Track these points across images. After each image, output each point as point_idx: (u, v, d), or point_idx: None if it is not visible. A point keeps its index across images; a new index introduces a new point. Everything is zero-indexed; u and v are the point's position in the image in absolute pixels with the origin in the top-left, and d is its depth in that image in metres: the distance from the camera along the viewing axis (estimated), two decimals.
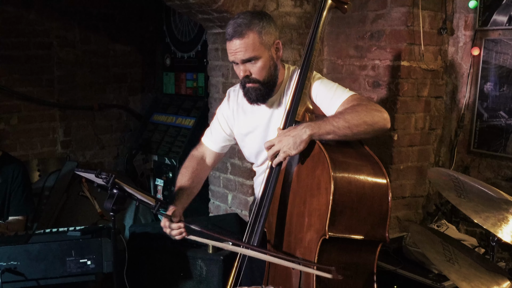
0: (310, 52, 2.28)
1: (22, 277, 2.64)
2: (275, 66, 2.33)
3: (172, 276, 3.23)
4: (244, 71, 2.27)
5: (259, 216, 2.16)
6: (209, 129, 2.69)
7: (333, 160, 1.95)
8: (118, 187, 2.12)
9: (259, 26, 2.23)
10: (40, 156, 5.20)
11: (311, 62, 2.27)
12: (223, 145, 2.65)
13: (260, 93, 2.31)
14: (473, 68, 3.42)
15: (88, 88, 5.48)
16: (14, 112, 5.04)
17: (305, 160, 2.11)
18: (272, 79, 2.33)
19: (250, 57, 2.23)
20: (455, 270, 1.95)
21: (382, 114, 2.15)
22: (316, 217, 1.97)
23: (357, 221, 1.95)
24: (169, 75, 5.59)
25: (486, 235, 3.26)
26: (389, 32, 3.46)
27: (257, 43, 2.23)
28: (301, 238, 2.08)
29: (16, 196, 3.36)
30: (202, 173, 2.62)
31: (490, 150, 3.36)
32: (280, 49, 2.34)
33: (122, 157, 5.71)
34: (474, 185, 2.18)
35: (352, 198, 1.94)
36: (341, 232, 1.92)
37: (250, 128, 2.50)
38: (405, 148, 3.54)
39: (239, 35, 2.21)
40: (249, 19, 2.23)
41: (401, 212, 3.63)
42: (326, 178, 1.93)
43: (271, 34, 2.28)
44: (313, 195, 2.02)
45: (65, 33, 5.28)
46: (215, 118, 2.67)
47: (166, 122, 5.19)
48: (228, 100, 2.60)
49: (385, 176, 2.00)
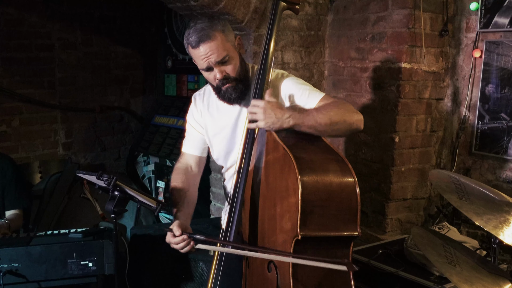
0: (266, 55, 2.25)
1: (23, 279, 2.64)
2: (244, 62, 2.34)
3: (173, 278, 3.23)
4: (220, 73, 2.24)
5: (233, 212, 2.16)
6: (185, 139, 2.67)
7: (298, 160, 1.95)
8: (120, 189, 2.12)
9: (221, 25, 2.23)
10: (42, 158, 5.20)
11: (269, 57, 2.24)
12: (203, 147, 2.63)
13: (240, 90, 2.29)
14: (475, 70, 3.42)
15: (90, 90, 5.49)
16: (15, 114, 5.05)
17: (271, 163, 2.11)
18: (246, 75, 2.33)
19: (223, 56, 2.21)
20: (457, 273, 1.94)
21: (358, 115, 2.17)
22: (287, 219, 1.97)
23: (327, 219, 1.95)
24: (171, 77, 5.59)
25: (488, 237, 3.26)
26: (390, 34, 3.46)
27: (225, 42, 2.22)
28: (274, 241, 2.07)
29: (9, 191, 3.33)
30: (193, 180, 2.59)
31: (491, 152, 3.36)
32: (242, 44, 2.35)
33: (123, 159, 5.71)
34: (475, 187, 2.18)
35: (321, 196, 1.94)
36: (313, 231, 1.92)
37: (217, 129, 2.48)
38: (407, 150, 3.54)
39: (206, 38, 2.18)
40: (208, 22, 2.22)
41: (403, 214, 3.63)
42: (293, 179, 1.93)
43: (231, 31, 2.28)
44: (282, 197, 2.02)
45: (66, 35, 5.29)
46: (187, 125, 2.64)
47: (168, 124, 5.19)
48: (195, 104, 2.57)
49: (351, 172, 2.00)
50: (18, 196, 3.38)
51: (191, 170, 2.61)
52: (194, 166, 2.62)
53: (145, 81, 5.92)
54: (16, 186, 3.37)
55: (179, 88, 5.46)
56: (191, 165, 2.62)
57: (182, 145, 2.67)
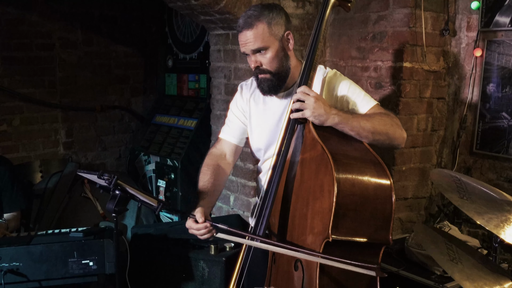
0: (313, 52, 2.26)
1: (24, 278, 2.64)
2: (286, 57, 2.33)
3: (174, 277, 3.23)
4: (254, 62, 2.29)
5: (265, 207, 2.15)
6: (225, 125, 2.66)
7: (336, 162, 1.93)
8: (120, 188, 2.12)
9: (269, 17, 2.25)
10: (42, 157, 5.20)
11: (314, 61, 2.26)
12: (242, 137, 2.62)
13: (272, 84, 2.32)
14: (476, 69, 3.42)
15: (90, 90, 5.49)
16: (16, 114, 5.05)
17: (307, 162, 2.10)
18: (283, 70, 2.33)
19: (259, 47, 2.25)
20: (459, 270, 1.94)
21: (403, 132, 2.23)
22: (319, 220, 1.96)
23: (360, 224, 1.93)
24: (171, 77, 5.59)
25: (489, 236, 3.26)
26: (391, 33, 3.45)
27: (266, 34, 2.25)
28: (303, 240, 2.06)
29: (6, 194, 3.34)
30: (224, 170, 2.58)
31: (492, 152, 3.36)
32: (291, 40, 2.34)
33: (124, 158, 5.71)
34: (476, 187, 2.17)
35: (356, 200, 1.92)
36: (344, 235, 1.90)
37: (261, 120, 2.49)
38: (408, 150, 3.54)
39: (248, 26, 2.24)
40: (259, 11, 2.26)
41: (404, 213, 3.63)
42: (329, 180, 1.91)
43: (281, 25, 2.29)
44: (316, 198, 2.00)
45: (67, 35, 5.29)
46: (229, 112, 2.65)
47: (168, 124, 5.19)
48: (241, 92, 2.60)
49: (388, 177, 1.99)
50: (15, 199, 3.38)
51: (225, 158, 2.61)
52: (229, 154, 2.62)
53: (145, 80, 5.92)
54: (12, 189, 3.37)
55: (179, 87, 5.46)
56: (226, 152, 2.62)
57: (221, 131, 2.66)
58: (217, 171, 2.51)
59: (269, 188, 2.17)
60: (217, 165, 2.53)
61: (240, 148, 2.65)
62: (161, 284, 3.28)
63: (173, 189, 4.79)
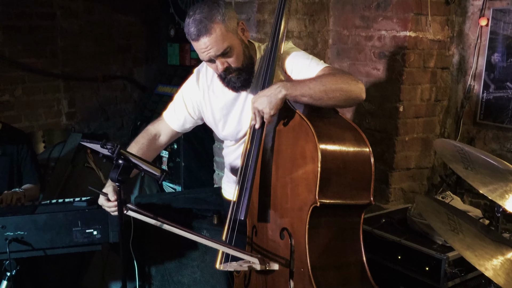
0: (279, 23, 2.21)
1: (29, 247, 2.66)
2: (247, 48, 2.28)
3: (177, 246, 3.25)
4: (222, 64, 2.19)
5: (244, 190, 2.14)
6: (171, 107, 2.60)
7: (316, 128, 1.97)
8: (124, 157, 2.11)
9: (221, 15, 2.13)
10: (45, 127, 5.21)
11: (281, 33, 2.21)
12: (187, 127, 2.60)
13: (244, 79, 2.26)
14: (481, 38, 3.38)
15: (92, 59, 5.46)
16: (18, 83, 5.03)
17: (284, 132, 2.11)
18: (250, 61, 2.27)
19: (224, 49, 2.15)
20: (459, 240, 1.95)
21: (358, 84, 2.12)
22: (304, 186, 2.00)
23: (344, 187, 2.01)
24: (174, 46, 5.54)
25: (491, 206, 3.27)
26: (395, 1, 3.41)
27: (225, 33, 2.14)
28: (287, 208, 2.10)
29: (26, 166, 3.38)
30: (153, 150, 2.57)
31: (496, 122, 3.35)
32: (246, 29, 2.27)
33: (126, 129, 5.71)
34: (480, 156, 2.17)
35: (338, 164, 1.98)
36: (330, 198, 1.96)
37: (225, 111, 2.44)
38: (411, 120, 3.53)
39: (205, 32, 2.11)
40: (207, 12, 2.12)
41: (406, 183, 3.64)
42: (311, 147, 1.96)
43: (233, 18, 2.19)
44: (298, 165, 2.03)
45: (68, 3, 5.24)
46: (179, 95, 2.58)
47: (171, 93, 5.13)
48: (198, 81, 2.53)
49: (366, 142, 2.06)
50: (35, 171, 3.44)
51: (159, 139, 2.60)
52: (164, 137, 2.60)
53: (147, 50, 5.88)
54: (32, 162, 3.42)
55: (182, 57, 5.42)
56: (161, 134, 2.60)
57: (166, 109, 2.62)
58: (144, 151, 2.49)
59: (248, 161, 2.15)
60: (147, 144, 2.52)
61: (179, 134, 2.64)
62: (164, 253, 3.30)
63: (175, 159, 4.80)
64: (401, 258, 2.86)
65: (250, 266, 2.19)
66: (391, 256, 2.90)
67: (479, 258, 1.87)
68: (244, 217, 2.14)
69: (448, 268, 2.65)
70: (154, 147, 2.58)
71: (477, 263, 1.86)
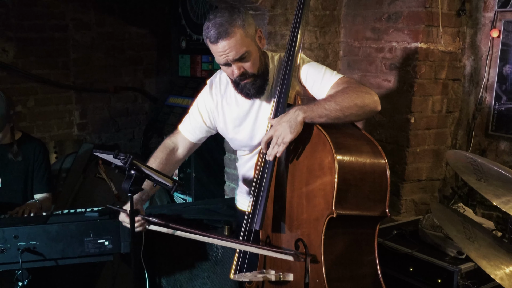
0: (295, 35, 2.24)
1: (41, 257, 2.67)
2: (264, 55, 2.30)
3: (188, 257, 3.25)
4: (238, 69, 2.20)
5: (260, 200, 2.15)
6: (187, 118, 2.60)
7: (334, 140, 1.99)
8: (136, 168, 2.12)
9: (241, 20, 2.15)
10: (57, 138, 5.24)
11: (297, 45, 2.22)
12: (202, 136, 2.60)
13: (259, 86, 2.27)
14: (492, 50, 3.38)
15: (104, 71, 5.51)
16: (30, 95, 5.08)
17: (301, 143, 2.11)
18: (265, 69, 2.29)
19: (242, 53, 2.16)
20: (475, 248, 1.94)
21: (372, 96, 2.13)
22: (321, 197, 2.01)
23: (361, 198, 2.02)
24: (185, 58, 5.58)
25: (503, 218, 3.25)
26: (406, 13, 3.42)
27: (244, 38, 2.15)
28: (303, 219, 2.10)
29: (39, 174, 3.40)
30: (171, 165, 2.57)
31: (508, 133, 3.33)
32: (262, 37, 2.28)
33: (137, 140, 5.74)
34: (493, 168, 2.16)
35: (355, 176, 2.00)
36: (347, 209, 1.97)
37: (238, 121, 2.44)
38: (422, 131, 3.52)
39: (225, 35, 2.12)
40: (228, 16, 2.14)
41: (417, 195, 3.62)
42: (329, 158, 1.97)
43: (251, 24, 2.21)
44: (315, 176, 2.05)
45: (80, 16, 5.30)
46: (194, 106, 2.58)
47: (182, 105, 5.19)
48: (211, 92, 2.52)
49: (382, 154, 2.07)
50: (47, 180, 3.44)
51: (177, 152, 2.59)
52: (182, 149, 2.60)
53: (158, 61, 5.92)
54: (45, 171, 3.43)
55: (193, 68, 5.46)
56: (179, 147, 2.60)
57: (181, 122, 2.63)
58: (163, 166, 2.49)
59: (264, 171, 2.16)
60: (165, 159, 2.52)
61: (196, 145, 2.64)
62: (175, 264, 3.31)
63: (186, 170, 4.81)
64: (413, 270, 2.84)
65: (265, 277, 2.18)
66: (403, 268, 2.88)
67: (495, 268, 1.86)
68: (260, 227, 2.14)
69: (461, 280, 2.63)
70: (172, 160, 2.58)
71: (493, 273, 1.84)
